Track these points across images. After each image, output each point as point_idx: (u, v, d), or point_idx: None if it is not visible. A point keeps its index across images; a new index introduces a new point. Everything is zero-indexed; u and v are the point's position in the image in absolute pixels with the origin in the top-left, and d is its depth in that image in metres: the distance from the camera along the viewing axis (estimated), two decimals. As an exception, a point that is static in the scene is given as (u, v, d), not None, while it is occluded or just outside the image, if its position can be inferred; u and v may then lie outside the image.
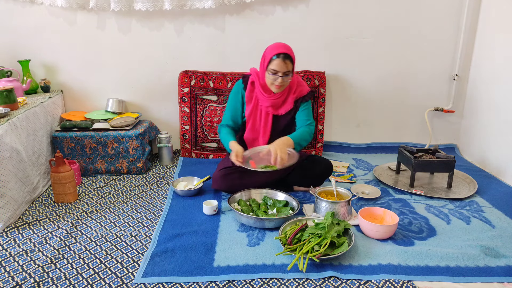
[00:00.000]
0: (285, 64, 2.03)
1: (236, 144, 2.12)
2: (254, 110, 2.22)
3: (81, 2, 2.60)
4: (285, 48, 2.06)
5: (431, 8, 2.81)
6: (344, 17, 2.81)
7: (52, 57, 2.76)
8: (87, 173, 2.59)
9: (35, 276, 1.58)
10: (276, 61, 2.02)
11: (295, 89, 2.20)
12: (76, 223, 2.00)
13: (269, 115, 2.21)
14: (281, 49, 2.04)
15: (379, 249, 1.74)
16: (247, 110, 2.23)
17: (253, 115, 2.23)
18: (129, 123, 2.64)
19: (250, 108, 2.22)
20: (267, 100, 2.17)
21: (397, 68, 2.95)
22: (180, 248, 1.74)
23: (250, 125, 2.24)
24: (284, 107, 2.20)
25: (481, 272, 1.60)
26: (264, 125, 2.22)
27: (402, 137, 3.13)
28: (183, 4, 2.64)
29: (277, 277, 1.56)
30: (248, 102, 2.23)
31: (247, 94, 2.22)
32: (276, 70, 2.04)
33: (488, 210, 2.12)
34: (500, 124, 2.60)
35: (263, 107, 2.20)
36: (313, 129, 2.23)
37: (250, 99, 2.22)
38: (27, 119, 2.22)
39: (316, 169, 2.25)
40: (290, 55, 2.05)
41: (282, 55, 2.02)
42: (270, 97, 2.17)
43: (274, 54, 2.02)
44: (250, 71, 2.25)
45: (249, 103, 2.22)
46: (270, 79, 2.08)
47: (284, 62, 2.03)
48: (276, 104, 2.18)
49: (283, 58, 2.02)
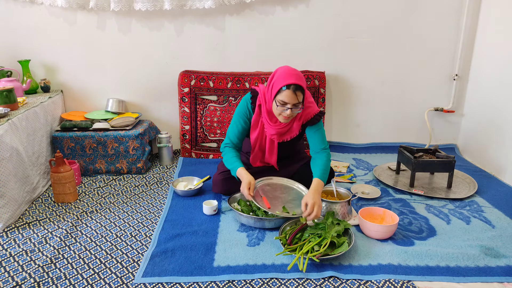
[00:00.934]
0: (296, 96, 1.84)
1: (245, 172, 1.96)
2: (260, 137, 2.10)
3: (81, 2, 2.60)
4: (296, 78, 1.85)
5: (431, 8, 2.81)
6: (344, 17, 2.81)
7: (52, 57, 2.76)
8: (87, 173, 2.59)
9: (35, 276, 1.58)
10: (285, 92, 1.83)
11: (301, 115, 2.01)
12: (76, 223, 2.00)
13: (274, 142, 2.09)
14: (292, 79, 1.83)
15: (379, 249, 1.73)
16: (253, 135, 2.10)
17: (259, 142, 2.12)
18: (129, 123, 2.64)
19: (256, 133, 2.08)
20: (272, 128, 2.02)
21: (397, 68, 2.95)
22: (180, 248, 1.74)
23: (256, 150, 2.15)
24: (290, 134, 2.06)
25: (481, 272, 1.60)
26: (270, 151, 2.13)
27: (402, 137, 3.13)
28: (183, 4, 2.64)
29: (277, 277, 1.56)
30: (253, 126, 2.08)
31: (254, 118, 2.06)
32: (285, 101, 1.85)
33: (488, 210, 2.12)
34: (500, 124, 2.60)
35: (268, 134, 2.06)
36: (330, 154, 2.07)
37: (256, 123, 2.07)
38: (27, 119, 2.22)
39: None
40: (301, 86, 1.85)
41: (293, 86, 1.82)
42: (275, 126, 2.01)
43: (284, 85, 1.82)
44: (259, 89, 2.05)
45: (255, 127, 2.08)
46: (277, 110, 1.90)
47: (294, 94, 1.83)
48: (281, 132, 2.04)
49: (294, 89, 1.82)
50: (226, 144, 2.14)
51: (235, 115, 2.13)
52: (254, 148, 2.15)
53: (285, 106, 1.86)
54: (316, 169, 1.98)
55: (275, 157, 2.15)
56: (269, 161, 2.18)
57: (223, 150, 2.15)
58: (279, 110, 1.90)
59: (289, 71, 1.88)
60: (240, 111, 2.10)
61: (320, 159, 2.01)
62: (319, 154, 2.05)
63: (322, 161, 2.00)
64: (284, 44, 2.85)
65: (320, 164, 1.99)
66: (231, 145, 2.13)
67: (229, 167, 2.07)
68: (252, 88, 2.09)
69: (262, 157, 2.20)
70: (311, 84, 2.82)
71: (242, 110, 2.09)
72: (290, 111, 1.87)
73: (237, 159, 2.06)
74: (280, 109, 1.88)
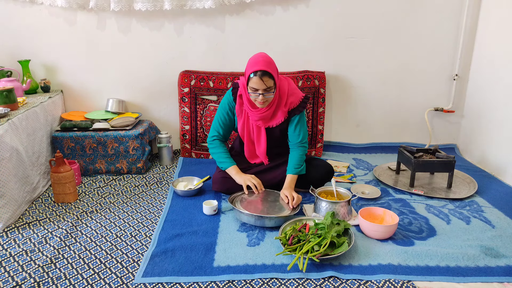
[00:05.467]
0: (263, 81, 1.91)
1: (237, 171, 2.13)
2: (246, 125, 2.16)
3: (81, 2, 2.60)
4: (263, 64, 1.91)
5: (431, 8, 2.81)
6: (344, 17, 2.81)
7: (52, 57, 2.76)
8: (87, 173, 2.59)
9: (35, 276, 1.58)
10: (254, 79, 1.91)
11: (286, 101, 2.08)
12: (76, 223, 2.00)
13: (260, 128, 2.14)
14: (259, 65, 1.91)
15: (379, 249, 1.73)
16: (239, 125, 2.17)
17: (246, 130, 2.17)
18: (129, 123, 2.64)
19: (241, 122, 2.16)
20: (255, 114, 2.08)
21: (397, 68, 2.95)
22: (180, 248, 1.74)
23: (245, 139, 2.20)
24: (275, 120, 2.10)
25: (481, 272, 1.60)
26: (257, 138, 2.17)
27: (402, 137, 3.13)
28: (183, 4, 2.64)
29: (277, 277, 1.56)
30: (238, 116, 2.16)
31: (237, 108, 2.14)
32: (255, 88, 1.94)
33: (488, 210, 2.12)
34: (500, 124, 2.60)
35: (253, 121, 2.12)
36: (307, 148, 2.18)
37: (240, 112, 2.15)
38: (27, 119, 2.22)
39: (317, 173, 2.21)
40: (268, 72, 1.91)
41: (260, 72, 1.90)
42: (257, 112, 2.07)
43: (251, 72, 1.91)
44: (239, 81, 2.13)
45: (240, 117, 2.15)
46: (252, 97, 2.00)
47: (261, 79, 1.91)
48: (266, 117, 2.08)
49: (260, 76, 1.90)
50: (214, 136, 2.23)
51: (218, 110, 2.24)
52: (243, 138, 2.21)
53: (257, 92, 1.96)
54: (290, 164, 2.13)
55: (263, 146, 2.18)
56: (259, 153, 2.21)
57: (211, 142, 2.23)
58: (253, 97, 2.00)
59: (257, 58, 1.97)
60: (223, 104, 2.20)
61: (296, 152, 2.15)
62: (295, 148, 2.16)
63: (297, 155, 2.14)
64: (284, 44, 2.85)
65: (294, 160, 2.13)
66: (218, 136, 2.22)
67: (220, 163, 2.18)
68: (234, 82, 2.19)
69: (254, 149, 2.24)
70: (311, 84, 2.82)
71: (224, 103, 2.19)
72: (262, 96, 1.96)
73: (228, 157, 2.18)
74: (253, 95, 1.98)
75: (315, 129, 2.91)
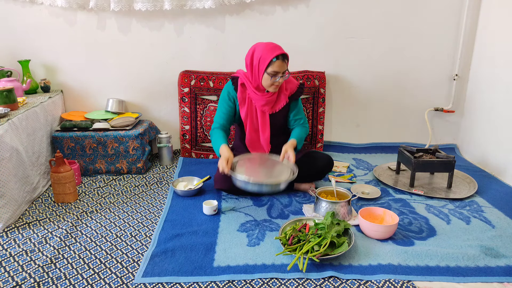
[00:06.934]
0: (285, 64, 2.06)
1: (227, 148, 2.07)
2: (250, 111, 2.21)
3: (81, 2, 2.60)
4: (279, 48, 2.07)
5: (431, 8, 2.81)
6: (344, 17, 2.81)
7: (52, 57, 2.76)
8: (87, 173, 2.59)
9: (35, 276, 1.58)
10: (277, 63, 2.02)
11: (286, 86, 2.22)
12: (76, 223, 2.00)
13: (265, 113, 2.21)
14: (277, 50, 2.04)
15: (379, 249, 1.73)
16: (242, 112, 2.22)
17: (250, 116, 2.22)
18: (129, 123, 2.64)
19: (245, 109, 2.20)
20: (261, 98, 2.16)
21: (397, 68, 2.95)
22: (180, 248, 1.74)
23: (248, 126, 2.23)
24: (279, 104, 2.21)
25: (481, 272, 1.60)
26: (262, 124, 2.21)
27: (402, 137, 3.13)
28: (183, 4, 2.64)
29: (277, 277, 1.56)
30: (241, 104, 2.21)
31: (239, 96, 2.20)
32: (277, 71, 2.04)
33: (488, 210, 2.12)
34: (500, 124, 2.60)
35: (258, 106, 2.19)
36: (308, 127, 2.31)
37: (243, 100, 2.20)
38: (27, 119, 2.22)
39: (316, 164, 2.27)
40: (287, 55, 2.07)
41: (281, 56, 2.03)
42: (263, 96, 2.15)
43: (274, 56, 2.01)
44: (237, 73, 2.24)
45: (243, 104, 2.21)
46: (269, 81, 2.07)
47: (283, 62, 2.05)
48: (271, 101, 2.18)
49: (282, 58, 2.04)
50: (214, 127, 2.26)
51: (218, 102, 2.29)
52: (246, 126, 2.24)
53: (277, 76, 2.06)
54: (293, 135, 2.23)
55: (267, 132, 2.23)
56: (262, 140, 2.24)
57: (211, 133, 2.26)
58: (270, 81, 2.07)
59: (271, 44, 2.09)
60: (222, 96, 2.26)
61: (298, 128, 2.27)
62: (297, 126, 2.28)
63: (299, 130, 2.26)
64: (284, 44, 2.79)
65: (297, 132, 2.24)
66: (218, 126, 2.25)
67: (214, 147, 2.17)
68: (231, 76, 2.26)
69: (256, 137, 2.26)
70: (311, 84, 2.82)
71: (224, 95, 2.25)
72: (282, 78, 2.08)
73: (223, 138, 2.17)
74: (272, 79, 2.07)
75: (315, 129, 2.91)
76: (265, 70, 2.05)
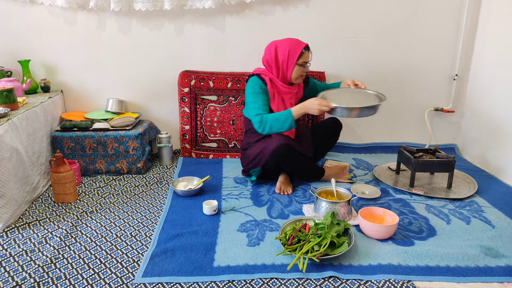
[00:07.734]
0: (310, 53, 2.27)
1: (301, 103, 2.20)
2: (280, 104, 2.31)
3: (81, 2, 2.60)
4: (301, 40, 2.26)
5: (431, 8, 2.81)
6: (344, 17, 2.81)
7: (52, 57, 2.76)
8: (87, 173, 2.59)
9: (35, 276, 1.58)
10: (306, 54, 2.23)
11: None
12: (76, 223, 2.00)
13: (292, 105, 2.33)
14: (302, 42, 2.24)
15: (379, 249, 1.73)
16: (274, 105, 2.29)
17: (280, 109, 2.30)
18: (129, 123, 2.64)
19: (276, 103, 2.29)
20: (289, 91, 2.32)
21: (397, 68, 2.95)
22: (180, 248, 1.74)
23: None
24: (299, 93, 2.42)
25: (481, 272, 1.60)
26: None
27: (402, 137, 3.13)
28: (183, 4, 2.64)
29: (277, 277, 1.56)
30: (272, 98, 2.30)
31: (269, 89, 2.28)
32: (306, 61, 2.25)
33: (488, 210, 2.12)
34: (500, 124, 2.60)
35: (286, 99, 2.32)
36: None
37: (273, 95, 2.30)
38: (27, 119, 2.22)
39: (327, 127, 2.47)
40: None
41: (307, 46, 2.24)
42: (291, 89, 2.32)
43: (303, 48, 2.20)
44: (258, 71, 2.31)
45: (273, 99, 2.30)
46: (299, 72, 2.25)
47: (310, 51, 2.26)
48: (296, 93, 2.37)
49: (308, 49, 2.25)
50: (261, 113, 2.20)
51: (251, 94, 2.26)
52: None
53: (306, 65, 2.26)
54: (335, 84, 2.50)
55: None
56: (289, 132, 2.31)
57: (265, 118, 2.18)
58: (301, 71, 2.26)
59: (291, 39, 2.27)
60: (257, 90, 2.25)
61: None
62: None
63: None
64: (284, 44, 2.84)
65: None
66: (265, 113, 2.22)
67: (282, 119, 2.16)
68: (251, 74, 2.34)
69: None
70: (311, 84, 2.82)
71: (256, 88, 2.26)
72: (308, 68, 2.29)
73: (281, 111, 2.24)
74: (303, 69, 2.25)
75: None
76: (296, 62, 2.21)
